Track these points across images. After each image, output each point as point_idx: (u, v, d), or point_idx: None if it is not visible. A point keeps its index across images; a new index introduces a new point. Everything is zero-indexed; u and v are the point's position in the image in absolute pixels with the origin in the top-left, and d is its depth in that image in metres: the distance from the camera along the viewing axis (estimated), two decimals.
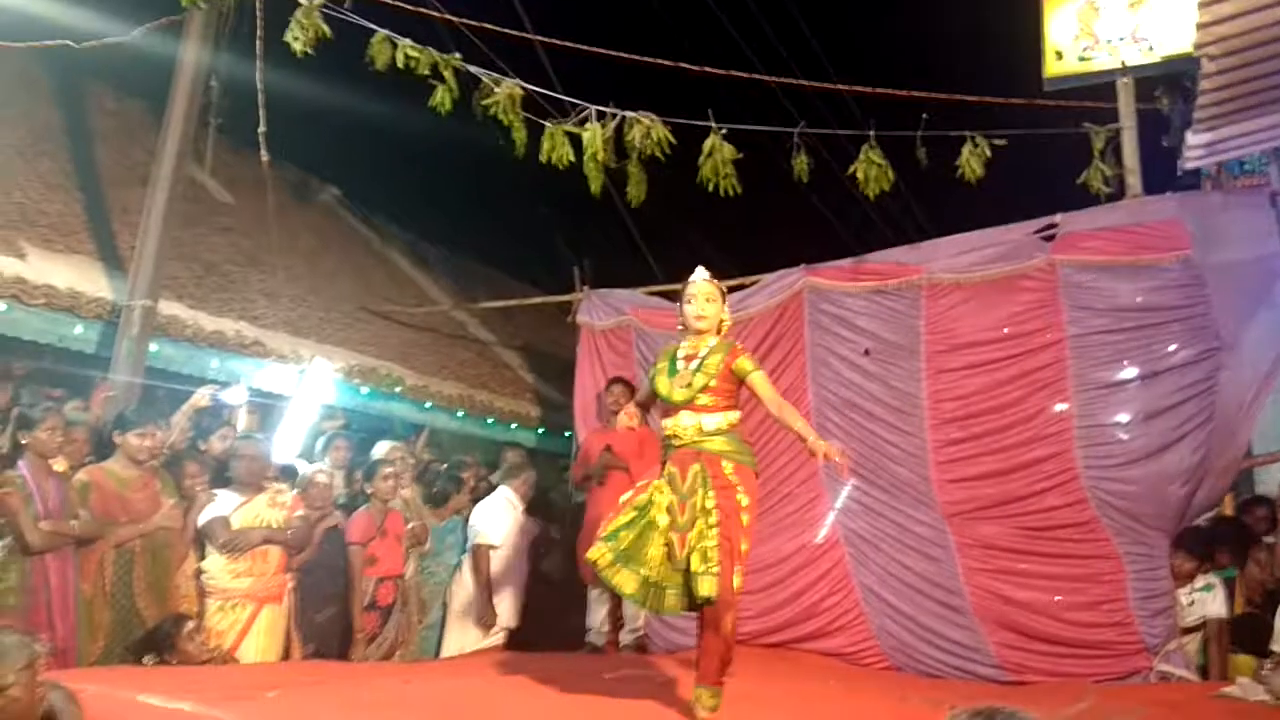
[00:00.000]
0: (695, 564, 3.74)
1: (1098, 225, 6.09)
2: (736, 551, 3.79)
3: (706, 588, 3.68)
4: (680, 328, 4.24)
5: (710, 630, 3.82)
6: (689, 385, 3.96)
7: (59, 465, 4.77)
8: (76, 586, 4.50)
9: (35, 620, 4.24)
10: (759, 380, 4.00)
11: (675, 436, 3.99)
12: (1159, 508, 5.62)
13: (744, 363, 4.00)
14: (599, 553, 3.84)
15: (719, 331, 4.16)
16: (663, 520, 3.84)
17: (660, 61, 6.39)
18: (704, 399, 3.95)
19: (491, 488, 6.86)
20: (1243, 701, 4.43)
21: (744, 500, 3.85)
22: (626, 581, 3.83)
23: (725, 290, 4.21)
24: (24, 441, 4.53)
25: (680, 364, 4.06)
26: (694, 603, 3.81)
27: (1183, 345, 5.70)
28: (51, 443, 4.57)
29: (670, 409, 4.04)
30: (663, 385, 4.07)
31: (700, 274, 4.18)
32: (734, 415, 4.01)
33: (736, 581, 3.79)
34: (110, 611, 4.61)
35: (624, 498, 4.03)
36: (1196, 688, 5.04)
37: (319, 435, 6.96)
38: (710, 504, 3.80)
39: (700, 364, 3.99)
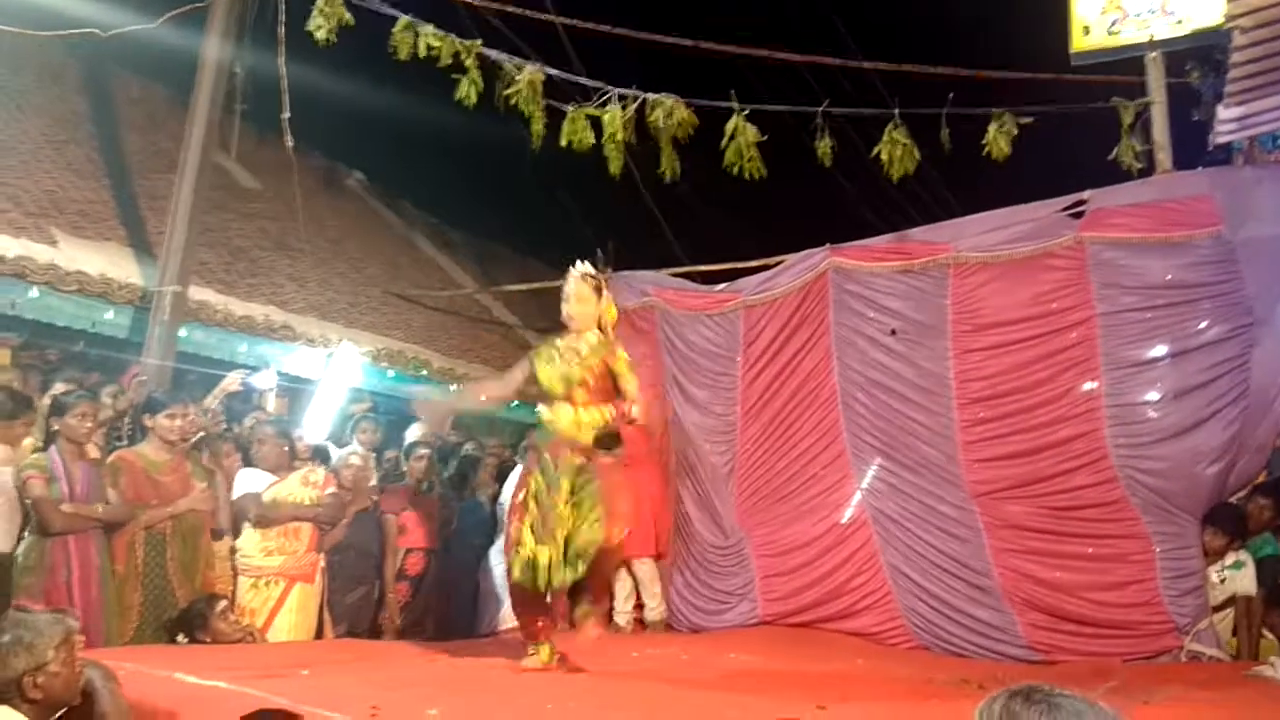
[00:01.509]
0: (575, 523, 4.01)
1: (1127, 202, 6.01)
2: (617, 508, 4.08)
3: (593, 534, 3.99)
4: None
5: (594, 576, 4.20)
6: (566, 378, 4.12)
7: (93, 451, 4.85)
8: (103, 568, 4.56)
9: (55, 600, 4.31)
10: (628, 384, 4.16)
11: (551, 424, 4.17)
12: (1189, 486, 5.57)
13: (620, 366, 4.16)
14: (516, 569, 4.13)
15: (601, 327, 4.26)
16: (533, 506, 4.08)
17: (681, 41, 6.37)
18: (580, 394, 4.11)
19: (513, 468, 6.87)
20: (1275, 681, 4.39)
21: (610, 460, 4.14)
22: (513, 566, 4.13)
23: (600, 285, 4.28)
24: (55, 427, 4.60)
25: (561, 356, 4.20)
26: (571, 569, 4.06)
27: (1214, 322, 5.63)
28: (82, 429, 4.65)
29: (550, 399, 4.19)
30: (543, 374, 4.20)
31: (573, 271, 4.26)
32: (609, 410, 4.14)
33: (619, 528, 4.09)
34: (142, 592, 4.68)
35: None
36: (1226, 667, 5.01)
37: (347, 418, 7.03)
38: (586, 477, 4.06)
39: (579, 359, 4.15)
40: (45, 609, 3.09)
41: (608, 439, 4.19)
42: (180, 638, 4.54)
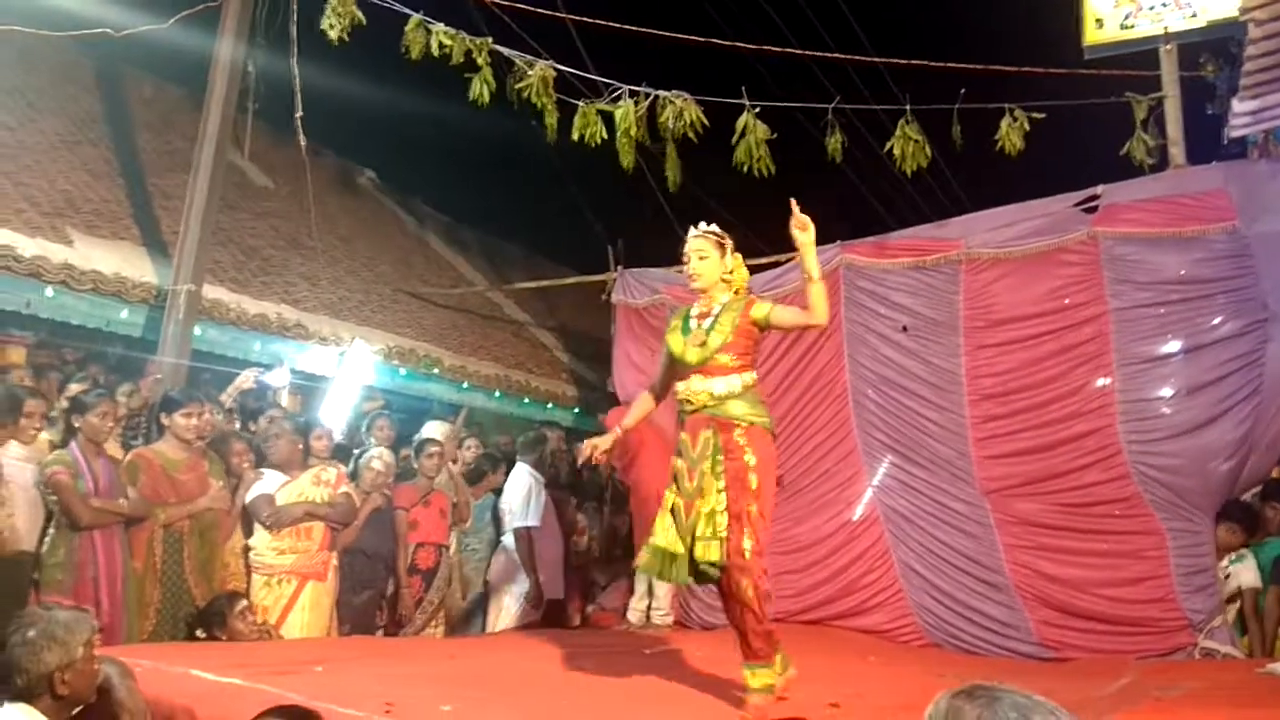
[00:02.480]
0: (701, 529, 3.59)
1: (1140, 196, 5.98)
2: (746, 515, 3.60)
3: (712, 552, 3.54)
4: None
5: (731, 600, 3.65)
6: (704, 344, 3.76)
7: (111, 449, 4.89)
8: (125, 564, 4.61)
9: (83, 596, 4.36)
10: (779, 313, 3.80)
11: (687, 402, 3.80)
12: (1203, 482, 5.54)
13: (759, 308, 3.77)
14: (641, 559, 3.79)
15: (733, 286, 3.90)
16: (672, 490, 3.73)
17: (692, 38, 6.36)
18: (721, 358, 3.73)
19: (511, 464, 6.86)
20: None
21: (751, 460, 3.64)
22: (640, 555, 3.77)
23: (724, 240, 3.89)
24: (77, 425, 4.65)
25: (694, 323, 3.85)
26: (701, 572, 3.66)
27: (1228, 317, 5.60)
28: (104, 427, 4.70)
29: (684, 372, 3.83)
30: (676, 344, 3.85)
31: (693, 230, 3.92)
32: (749, 377, 3.78)
33: (747, 544, 3.57)
34: (160, 589, 4.72)
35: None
36: (1240, 664, 4.99)
37: (360, 416, 7.06)
38: (719, 469, 3.64)
39: (714, 322, 3.78)
40: (71, 605, 3.12)
41: (754, 407, 3.77)
42: (199, 633, 4.57)
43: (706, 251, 3.85)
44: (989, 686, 1.53)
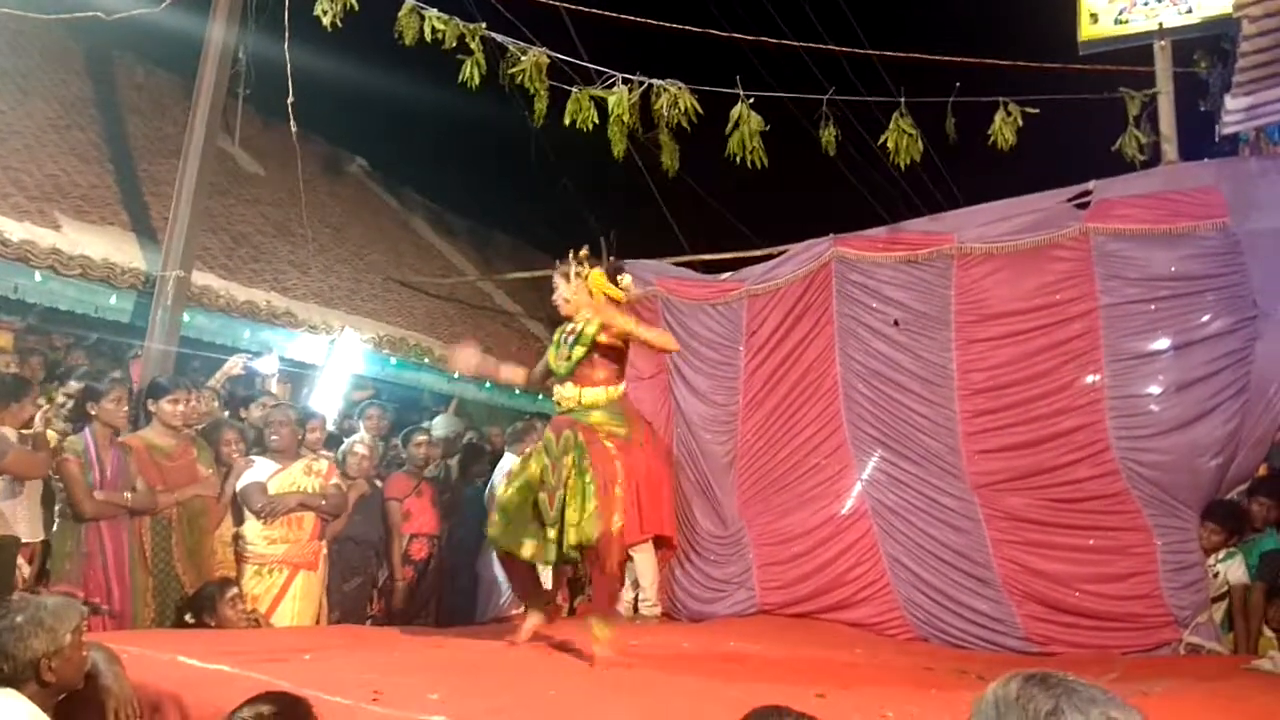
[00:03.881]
0: (571, 516, 4.00)
1: (1132, 193, 6.00)
2: (613, 499, 4.01)
3: (589, 530, 3.95)
4: None
5: (596, 570, 4.13)
6: (568, 359, 4.24)
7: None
8: (133, 553, 4.59)
9: (93, 585, 4.35)
10: (625, 324, 4.17)
11: (558, 404, 4.30)
12: (1191, 479, 5.57)
13: (609, 317, 4.15)
14: (493, 527, 4.24)
15: (596, 303, 4.29)
16: (535, 483, 4.15)
17: (687, 28, 6.34)
18: (584, 371, 4.22)
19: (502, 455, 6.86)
20: (1274, 675, 4.40)
21: (611, 447, 4.10)
22: (524, 547, 4.18)
23: (570, 269, 4.30)
24: (92, 412, 4.61)
25: (563, 339, 4.34)
26: (561, 554, 4.11)
27: (1217, 315, 5.62)
28: (119, 413, 4.67)
29: (558, 380, 4.33)
30: (550, 358, 4.39)
31: (559, 265, 4.40)
32: (614, 390, 4.24)
33: (616, 521, 4.00)
34: (151, 578, 4.70)
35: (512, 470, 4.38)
36: (1226, 660, 5.02)
37: (351, 405, 7.03)
38: (585, 463, 4.04)
39: (577, 338, 4.25)
40: (64, 592, 3.10)
41: (614, 418, 4.21)
42: (188, 618, 4.55)
43: (556, 283, 4.35)
44: (1062, 676, 1.52)
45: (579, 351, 4.22)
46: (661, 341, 4.46)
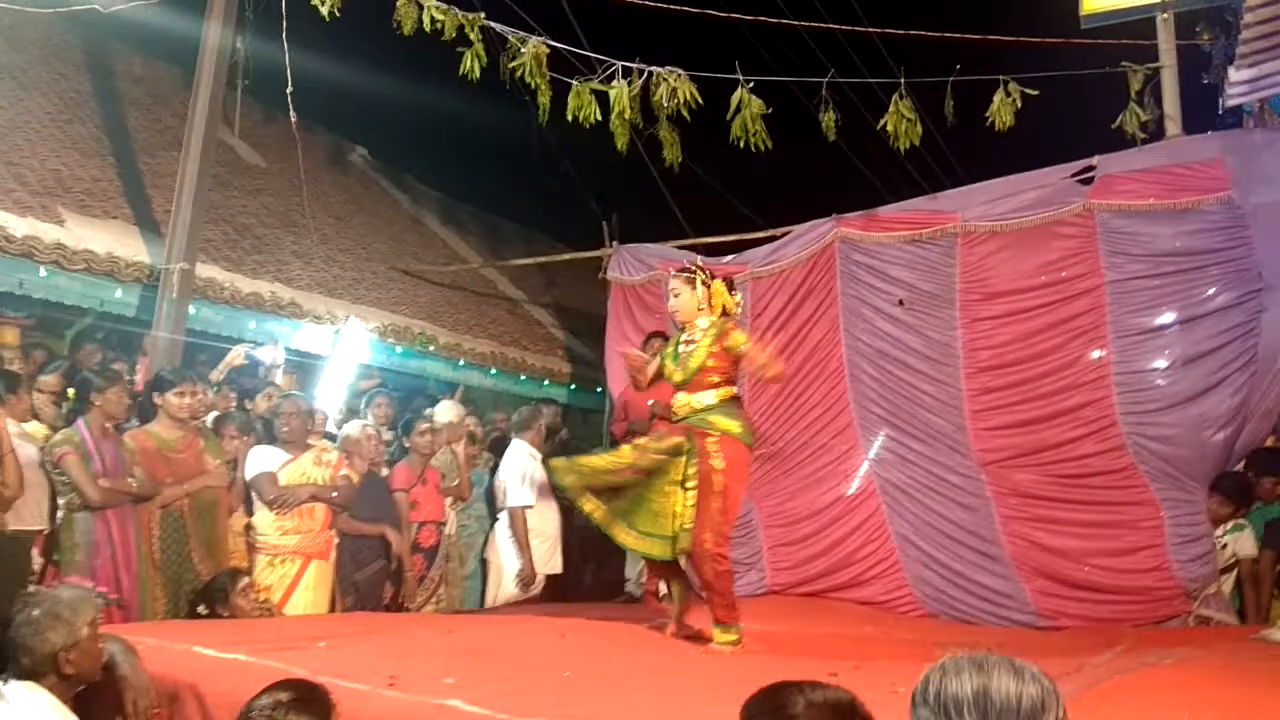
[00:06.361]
0: (674, 525, 4.25)
1: (1136, 167, 5.98)
2: (709, 511, 4.16)
3: (683, 542, 4.21)
4: None
5: (699, 578, 4.34)
6: (685, 368, 4.32)
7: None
8: (139, 543, 4.61)
9: (102, 575, 4.38)
10: (748, 351, 4.30)
11: (675, 413, 4.40)
12: (1197, 453, 5.58)
13: (735, 338, 4.29)
14: (593, 506, 4.36)
15: (716, 312, 4.41)
16: (654, 483, 4.32)
17: (685, 9, 6.31)
18: (701, 379, 4.29)
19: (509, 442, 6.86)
20: None
21: (718, 464, 4.17)
22: (624, 537, 4.38)
23: (693, 276, 4.41)
24: (96, 403, 4.62)
25: (681, 348, 4.41)
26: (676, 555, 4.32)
27: (1223, 288, 5.61)
28: (121, 405, 4.69)
29: (674, 388, 4.42)
30: (666, 369, 4.46)
31: (673, 269, 4.53)
32: (725, 391, 4.31)
33: (708, 537, 4.15)
34: (162, 570, 4.72)
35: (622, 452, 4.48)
36: (1234, 630, 5.04)
37: (357, 394, 7.05)
38: (691, 470, 4.22)
39: (694, 348, 4.33)
40: (77, 583, 3.12)
41: (729, 417, 4.27)
42: (200, 609, 4.58)
43: (679, 289, 4.44)
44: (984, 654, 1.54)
45: (695, 362, 4.29)
46: (774, 370, 4.44)
